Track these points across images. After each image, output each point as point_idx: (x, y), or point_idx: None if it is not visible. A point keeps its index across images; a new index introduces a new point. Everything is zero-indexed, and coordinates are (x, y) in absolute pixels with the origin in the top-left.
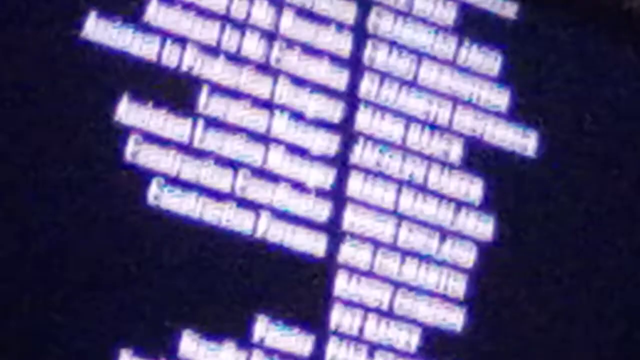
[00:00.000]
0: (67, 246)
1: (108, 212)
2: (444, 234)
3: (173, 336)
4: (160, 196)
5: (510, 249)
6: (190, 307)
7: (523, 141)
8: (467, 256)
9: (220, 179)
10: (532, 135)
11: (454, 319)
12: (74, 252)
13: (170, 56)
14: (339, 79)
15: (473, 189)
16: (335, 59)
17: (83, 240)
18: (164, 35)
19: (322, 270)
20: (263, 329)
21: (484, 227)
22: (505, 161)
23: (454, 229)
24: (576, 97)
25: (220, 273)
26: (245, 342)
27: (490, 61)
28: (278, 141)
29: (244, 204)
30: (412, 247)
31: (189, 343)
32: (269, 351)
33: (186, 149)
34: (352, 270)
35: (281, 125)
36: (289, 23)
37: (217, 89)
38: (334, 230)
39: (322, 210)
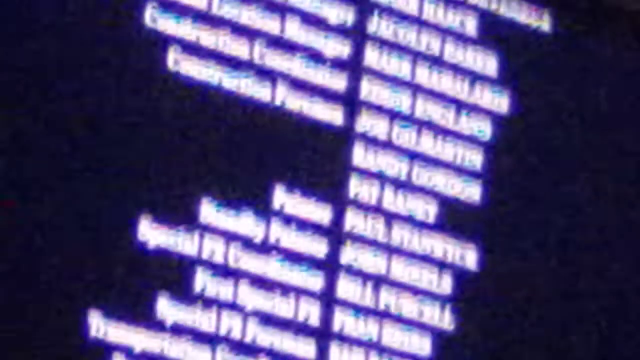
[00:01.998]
0: (81, 111)
1: (127, 76)
2: (460, 106)
3: (193, 203)
4: (179, 62)
5: (525, 122)
6: (210, 174)
7: (538, 16)
8: (483, 129)
9: (238, 48)
10: (547, 9)
11: (472, 191)
12: (88, 117)
13: None
14: None
15: (488, 62)
16: None
17: (99, 103)
18: None
19: (340, 140)
20: (282, 197)
21: (499, 101)
22: (520, 35)
23: (470, 102)
24: None
25: (238, 140)
26: (264, 209)
27: None
28: (295, 11)
29: (262, 72)
30: (428, 119)
31: (209, 211)
32: (288, 219)
33: (203, 16)
34: (369, 141)
35: None
36: None
37: None
38: (350, 100)
39: (339, 81)
